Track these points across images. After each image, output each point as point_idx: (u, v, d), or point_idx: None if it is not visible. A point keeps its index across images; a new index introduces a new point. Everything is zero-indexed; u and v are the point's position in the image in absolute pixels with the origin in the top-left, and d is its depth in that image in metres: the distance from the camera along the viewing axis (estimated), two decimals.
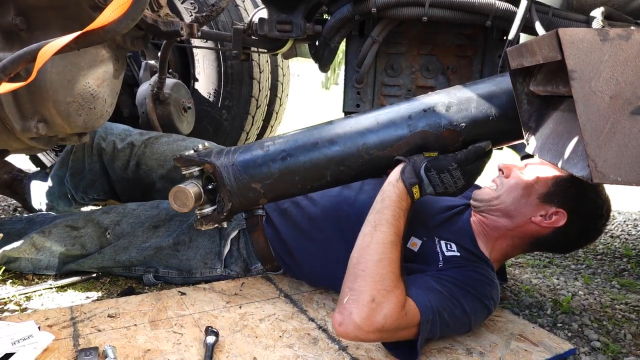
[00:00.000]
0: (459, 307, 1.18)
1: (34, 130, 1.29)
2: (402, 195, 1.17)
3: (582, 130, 0.70)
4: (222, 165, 1.24)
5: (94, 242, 1.57)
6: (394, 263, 1.10)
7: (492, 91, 1.21)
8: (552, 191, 1.28)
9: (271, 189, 1.26)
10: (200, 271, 1.55)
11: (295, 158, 1.24)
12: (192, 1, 2.31)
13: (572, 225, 1.29)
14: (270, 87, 2.82)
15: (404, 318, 1.07)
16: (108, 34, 1.03)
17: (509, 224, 1.33)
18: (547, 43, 0.74)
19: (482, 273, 1.27)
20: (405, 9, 1.66)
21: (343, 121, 1.30)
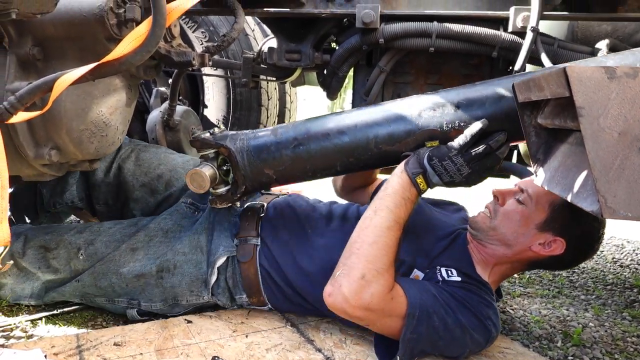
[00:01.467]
0: (452, 317, 1.16)
1: (46, 157, 1.31)
2: (405, 184, 1.21)
3: (592, 166, 0.71)
4: (237, 149, 1.32)
5: (66, 265, 1.49)
6: (387, 247, 1.16)
7: (500, 93, 1.23)
8: (549, 218, 1.26)
9: (283, 175, 1.34)
10: (186, 298, 1.46)
11: (307, 147, 1.31)
12: (204, 30, 2.37)
13: (570, 249, 1.28)
14: (278, 114, 2.85)
15: (390, 302, 1.13)
16: (123, 65, 1.06)
17: (508, 252, 1.32)
18: (555, 79, 0.76)
19: (481, 295, 1.26)
20: (412, 40, 1.68)
21: (354, 112, 1.36)
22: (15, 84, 1.22)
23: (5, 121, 1.02)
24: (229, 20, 2.43)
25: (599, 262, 2.54)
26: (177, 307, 1.49)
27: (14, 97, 1.03)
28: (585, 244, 1.31)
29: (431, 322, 1.14)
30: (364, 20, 1.64)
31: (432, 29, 1.64)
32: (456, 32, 1.64)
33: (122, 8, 1.24)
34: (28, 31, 1.23)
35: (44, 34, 1.24)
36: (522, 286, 2.07)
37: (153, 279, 1.45)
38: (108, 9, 1.20)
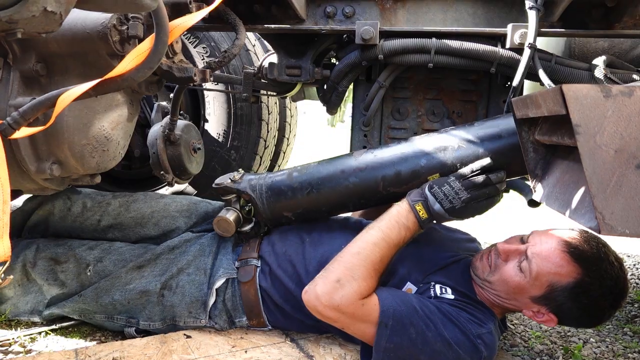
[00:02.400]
0: (433, 331, 1.15)
1: (48, 172, 1.31)
2: (403, 211, 1.27)
3: (589, 183, 0.71)
4: (257, 196, 1.48)
5: (73, 280, 1.50)
6: (369, 260, 1.22)
7: (496, 132, 1.33)
8: (545, 296, 1.20)
9: (300, 216, 1.51)
10: (184, 320, 1.45)
11: (320, 192, 1.45)
12: (205, 45, 2.39)
13: (567, 322, 1.28)
14: (278, 128, 2.87)
15: (361, 308, 1.17)
16: (126, 81, 1.07)
17: (501, 303, 1.28)
18: (552, 97, 0.77)
19: (473, 314, 1.24)
20: (412, 56, 1.70)
21: (363, 156, 1.46)
22: (19, 99, 1.23)
23: (8, 136, 1.03)
24: (230, 36, 2.45)
25: None
26: (175, 328, 1.47)
27: (17, 112, 1.04)
28: (587, 319, 1.24)
29: (407, 333, 1.14)
30: (363, 36, 1.66)
31: (431, 45, 1.66)
32: (455, 48, 1.66)
33: (125, 25, 1.26)
34: (32, 48, 1.25)
35: (47, 50, 1.26)
36: None
37: (155, 297, 1.46)
38: (111, 26, 1.22)
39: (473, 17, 1.71)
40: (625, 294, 1.20)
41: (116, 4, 0.83)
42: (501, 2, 1.68)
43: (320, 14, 1.77)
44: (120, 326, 1.49)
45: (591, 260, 1.17)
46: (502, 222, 3.96)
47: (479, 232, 3.06)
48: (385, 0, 1.75)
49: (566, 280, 1.17)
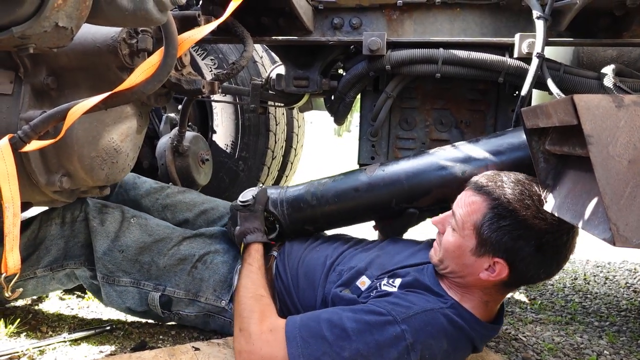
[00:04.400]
0: (348, 349, 1.07)
1: (57, 184, 1.32)
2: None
3: (602, 194, 0.70)
4: (279, 213, 1.58)
5: (116, 223, 1.57)
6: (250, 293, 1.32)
7: (502, 148, 1.39)
8: (478, 242, 1.16)
9: (319, 228, 1.64)
10: (206, 296, 1.51)
11: (336, 207, 1.53)
12: (213, 57, 2.41)
13: (522, 265, 1.14)
14: (285, 139, 2.87)
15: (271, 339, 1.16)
16: (135, 94, 1.08)
17: (465, 282, 1.21)
18: (563, 108, 0.76)
19: (407, 299, 1.17)
20: (419, 66, 1.70)
21: (374, 173, 1.52)
22: (29, 112, 1.24)
23: (19, 150, 1.04)
24: (237, 48, 2.47)
25: (611, 288, 2.50)
26: (193, 306, 1.52)
27: (28, 126, 1.05)
28: (541, 254, 1.13)
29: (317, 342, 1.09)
30: (370, 47, 1.67)
31: (438, 55, 1.66)
32: (462, 58, 1.65)
33: (134, 38, 1.27)
34: (42, 61, 1.26)
35: (58, 64, 1.27)
36: (534, 312, 2.04)
37: (189, 266, 1.54)
38: (121, 40, 1.23)
39: (480, 27, 1.71)
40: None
41: (126, 19, 0.84)
42: (508, 12, 1.68)
43: (328, 26, 1.78)
44: (145, 292, 1.53)
45: (491, 186, 1.17)
46: None
47: None
48: (392, 11, 1.75)
49: (482, 213, 1.15)
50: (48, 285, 1.59)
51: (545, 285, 2.47)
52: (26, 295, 1.61)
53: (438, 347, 1.12)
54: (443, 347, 1.13)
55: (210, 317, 1.54)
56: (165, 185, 1.91)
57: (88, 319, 1.70)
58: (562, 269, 1.18)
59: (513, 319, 1.92)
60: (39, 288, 1.59)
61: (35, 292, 1.60)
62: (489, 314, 1.25)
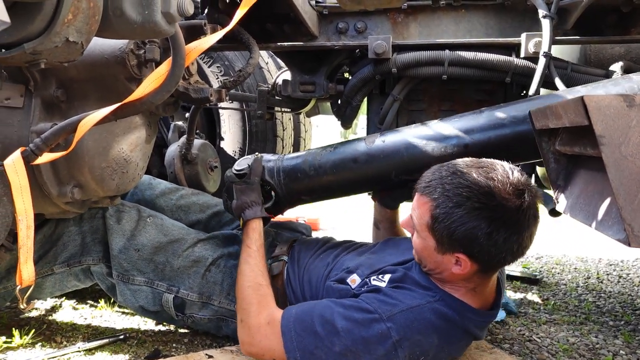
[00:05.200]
0: (339, 344, 1.11)
1: (69, 195, 1.33)
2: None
3: (616, 195, 0.70)
4: (276, 182, 1.55)
5: (132, 222, 1.58)
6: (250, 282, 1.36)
7: (504, 120, 1.38)
8: (438, 240, 1.15)
9: (315, 198, 1.62)
10: (219, 300, 1.52)
11: (334, 177, 1.51)
12: (219, 65, 2.42)
13: (480, 257, 1.11)
14: (293, 144, 2.88)
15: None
16: (144, 105, 1.09)
17: (444, 277, 1.21)
18: (573, 108, 0.76)
19: (394, 296, 1.18)
20: (425, 68, 1.70)
21: (374, 143, 1.49)
22: (40, 125, 1.25)
23: (31, 162, 1.05)
24: (243, 55, 2.48)
25: (625, 286, 2.47)
26: (206, 309, 1.53)
27: (39, 139, 1.06)
28: (495, 239, 1.08)
29: (317, 357, 1.13)
30: (376, 50, 1.67)
31: (444, 57, 1.66)
32: (468, 59, 1.65)
33: (142, 49, 1.28)
34: (52, 74, 1.27)
35: (67, 76, 1.28)
36: (547, 313, 2.02)
37: (203, 269, 1.54)
38: (128, 51, 1.24)
39: (485, 28, 1.71)
40: (489, 195, 1.07)
41: (135, 32, 0.85)
42: (513, 12, 1.68)
43: (333, 30, 1.79)
44: (158, 293, 1.54)
45: (432, 185, 1.15)
46: None
47: None
48: (397, 14, 1.75)
49: (429, 214, 1.14)
50: (66, 282, 1.61)
51: (558, 285, 2.45)
52: (45, 294, 1.62)
53: (428, 342, 1.13)
54: (434, 342, 1.14)
55: (223, 322, 1.54)
56: (179, 187, 1.93)
57: (102, 328, 1.71)
58: (529, 247, 1.13)
59: (527, 320, 1.91)
60: (57, 285, 1.61)
61: (54, 289, 1.62)
62: (482, 299, 1.23)
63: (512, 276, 2.50)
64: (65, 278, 1.60)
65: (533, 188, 1.09)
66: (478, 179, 1.08)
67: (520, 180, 1.07)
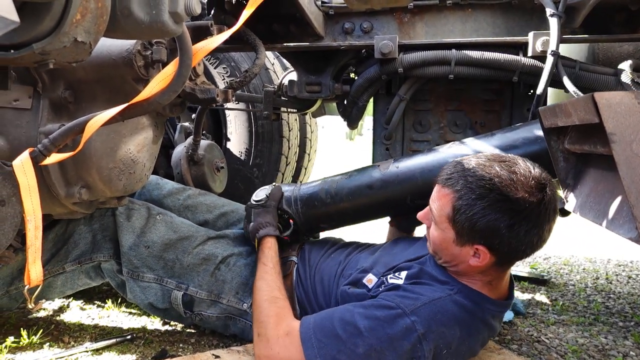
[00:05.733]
0: (362, 345, 1.09)
1: (77, 196, 1.34)
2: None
3: (627, 192, 0.69)
4: (294, 211, 1.59)
5: (142, 219, 1.60)
6: (267, 296, 1.34)
7: (516, 142, 1.38)
8: (457, 232, 1.16)
9: (332, 225, 1.65)
10: (228, 299, 1.53)
11: (350, 204, 1.53)
12: (225, 66, 2.43)
13: (500, 249, 1.12)
14: (299, 144, 2.88)
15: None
16: (152, 105, 1.09)
17: (460, 270, 1.22)
18: (583, 106, 0.75)
19: (415, 291, 1.18)
20: (432, 68, 1.70)
21: (388, 170, 1.51)
22: (48, 126, 1.26)
23: (39, 163, 1.05)
24: (249, 55, 2.49)
25: (635, 287, 2.45)
26: (215, 307, 1.54)
27: (47, 140, 1.07)
28: (517, 232, 1.09)
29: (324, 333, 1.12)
30: (382, 50, 1.66)
31: (451, 57, 1.65)
32: (475, 58, 1.64)
33: (149, 50, 1.28)
34: (60, 76, 1.28)
35: (75, 77, 1.29)
36: (555, 314, 2.00)
37: (212, 267, 1.55)
38: (136, 52, 1.25)
39: (492, 27, 1.70)
40: (512, 188, 1.07)
41: (142, 32, 0.85)
42: (520, 11, 1.67)
43: (339, 31, 1.79)
44: (167, 290, 1.55)
45: (454, 177, 1.16)
46: None
47: None
48: (403, 14, 1.75)
49: (451, 205, 1.15)
50: (77, 280, 1.63)
51: (567, 286, 2.43)
52: (55, 292, 1.63)
53: (451, 334, 1.13)
54: (456, 335, 1.14)
55: (231, 320, 1.55)
56: (186, 187, 1.94)
57: (109, 328, 1.71)
58: (547, 241, 1.14)
59: (535, 321, 1.89)
60: (68, 284, 1.62)
61: (65, 288, 1.63)
62: (498, 291, 1.24)
63: (520, 277, 2.49)
64: (77, 276, 1.62)
65: (553, 183, 1.11)
66: (501, 172, 1.10)
67: (542, 175, 1.09)
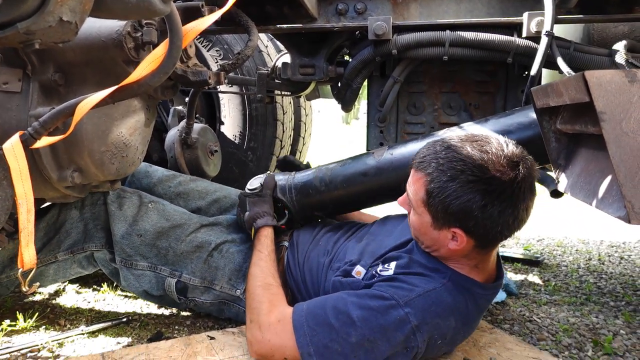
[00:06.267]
0: (355, 334, 1.08)
1: (69, 180, 1.33)
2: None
3: (616, 172, 0.69)
4: (288, 200, 1.59)
5: (134, 207, 1.60)
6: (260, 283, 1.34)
7: (511, 127, 1.36)
8: (433, 216, 1.15)
9: (327, 212, 1.65)
10: (221, 285, 1.53)
11: (345, 192, 1.53)
12: (218, 48, 2.40)
13: (476, 231, 1.11)
14: (293, 128, 2.87)
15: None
16: (142, 87, 1.08)
17: (443, 254, 1.21)
18: (574, 85, 0.75)
19: (408, 282, 1.17)
20: (426, 49, 1.69)
21: (382, 156, 1.50)
22: (39, 109, 1.25)
23: (30, 146, 1.04)
24: (242, 37, 2.46)
25: (627, 267, 2.47)
26: (208, 293, 1.54)
27: (37, 122, 1.06)
28: (490, 213, 1.07)
29: (332, 350, 1.09)
30: (376, 32, 1.65)
31: (445, 38, 1.64)
32: (470, 39, 1.63)
33: (139, 32, 1.26)
34: (49, 58, 1.26)
35: (64, 59, 1.27)
36: (548, 294, 2.03)
37: (205, 254, 1.55)
38: (126, 33, 1.23)
39: (487, 7, 1.68)
40: (486, 169, 1.06)
41: (130, 11, 0.84)
42: None
43: (332, 12, 1.76)
44: (161, 277, 1.55)
45: (426, 160, 1.15)
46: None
47: None
48: None
49: (424, 189, 1.14)
50: (69, 269, 1.63)
51: (560, 267, 2.46)
52: (48, 281, 1.63)
53: (446, 325, 1.13)
54: (452, 325, 1.14)
55: (225, 305, 1.55)
56: (177, 174, 1.93)
57: (105, 311, 1.72)
58: (525, 221, 1.12)
59: (527, 301, 1.92)
60: (60, 273, 1.62)
61: (57, 276, 1.63)
62: (486, 273, 1.23)
63: (513, 258, 2.51)
64: (69, 265, 1.62)
65: (529, 160, 1.07)
66: (472, 153, 1.08)
67: (514, 153, 1.07)
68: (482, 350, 1.38)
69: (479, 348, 1.39)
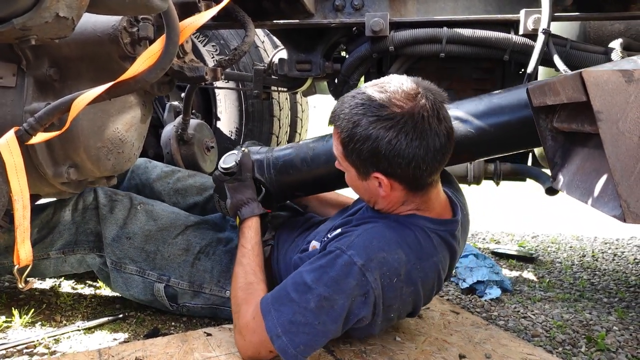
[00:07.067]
0: (313, 299, 1.09)
1: (65, 176, 1.32)
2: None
3: (612, 171, 0.70)
4: (267, 179, 1.50)
5: (125, 211, 1.58)
6: (243, 280, 1.32)
7: (503, 106, 1.32)
8: (355, 167, 1.17)
9: (308, 192, 1.60)
10: (210, 288, 1.52)
11: (329, 173, 1.43)
12: (214, 44, 2.39)
13: (395, 173, 1.11)
14: (290, 124, 2.86)
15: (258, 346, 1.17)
16: (138, 83, 1.07)
17: (382, 206, 1.22)
18: (571, 84, 0.75)
19: (350, 231, 1.19)
20: (423, 46, 1.69)
21: None
22: (34, 105, 1.24)
23: (25, 142, 1.04)
24: (239, 33, 2.45)
25: (620, 264, 2.50)
26: (198, 297, 1.53)
27: (33, 118, 1.05)
28: (400, 153, 1.07)
29: (297, 324, 1.09)
30: (373, 28, 1.65)
31: (442, 35, 1.64)
32: (466, 36, 1.64)
33: (135, 27, 1.26)
34: (44, 53, 1.26)
35: (60, 54, 1.26)
36: (542, 290, 2.04)
37: (192, 258, 1.54)
38: (122, 29, 1.22)
39: (484, 4, 1.68)
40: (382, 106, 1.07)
41: (126, 7, 0.83)
42: None
43: (329, 8, 1.76)
44: (149, 282, 1.54)
45: (336, 112, 1.16)
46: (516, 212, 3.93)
47: (499, 222, 3.02)
48: None
49: (339, 141, 1.15)
50: (60, 268, 1.63)
51: (554, 264, 2.48)
52: (38, 274, 1.64)
53: (394, 259, 1.10)
54: (402, 259, 1.11)
55: (217, 309, 1.55)
56: (175, 169, 1.92)
57: (101, 307, 1.72)
58: (443, 152, 1.11)
59: (522, 298, 1.93)
60: (52, 268, 1.62)
61: (47, 272, 1.64)
62: (434, 212, 1.22)
63: (508, 254, 2.52)
64: (61, 264, 1.62)
65: (431, 92, 1.08)
66: (372, 95, 1.08)
67: (413, 87, 1.07)
68: (477, 346, 1.39)
69: (474, 344, 1.40)
